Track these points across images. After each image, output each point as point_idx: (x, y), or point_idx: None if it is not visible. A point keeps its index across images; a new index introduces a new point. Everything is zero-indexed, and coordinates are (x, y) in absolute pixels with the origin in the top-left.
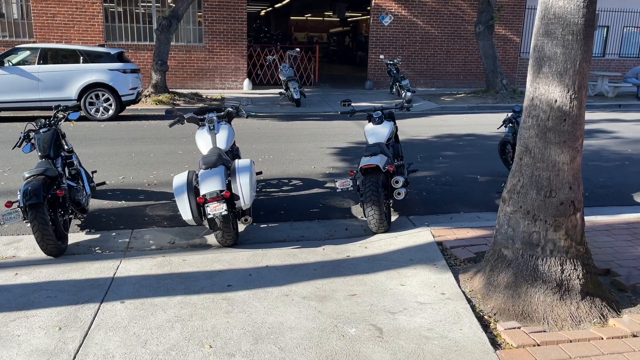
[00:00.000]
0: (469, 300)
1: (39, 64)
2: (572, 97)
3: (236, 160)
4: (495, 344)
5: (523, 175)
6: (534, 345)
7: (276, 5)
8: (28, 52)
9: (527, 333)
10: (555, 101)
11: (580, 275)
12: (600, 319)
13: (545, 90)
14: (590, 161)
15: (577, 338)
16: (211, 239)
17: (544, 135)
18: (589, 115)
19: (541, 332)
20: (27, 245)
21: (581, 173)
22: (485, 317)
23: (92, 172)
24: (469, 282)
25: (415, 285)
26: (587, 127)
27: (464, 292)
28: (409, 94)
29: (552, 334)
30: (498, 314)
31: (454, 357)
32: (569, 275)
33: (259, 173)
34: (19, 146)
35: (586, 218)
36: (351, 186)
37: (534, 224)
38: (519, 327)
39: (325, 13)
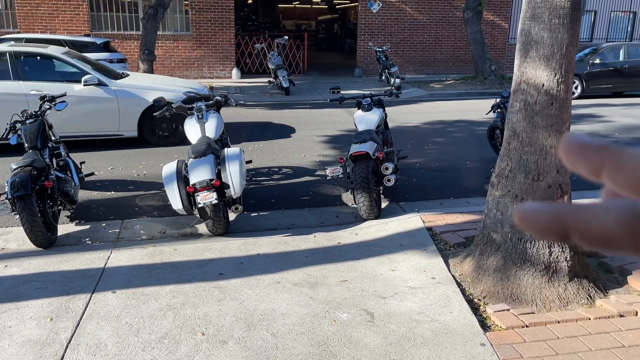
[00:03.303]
0: (458, 284)
1: None
2: (559, 80)
3: (226, 149)
4: (484, 326)
5: (511, 159)
6: (523, 327)
7: None
8: (12, 43)
9: (516, 315)
10: (543, 85)
11: (568, 257)
12: (588, 299)
13: (532, 74)
14: None
15: (565, 319)
16: (202, 228)
17: (531, 119)
18: (578, 100)
19: (530, 313)
20: (16, 237)
21: None
22: (475, 300)
23: (81, 163)
24: (458, 266)
25: (406, 270)
26: (576, 112)
27: (453, 276)
28: (398, 80)
29: (541, 315)
30: (487, 297)
31: (444, 339)
32: (557, 257)
33: (249, 162)
34: (6, 138)
35: (574, 201)
36: (341, 173)
37: None
38: (508, 309)
39: (314, 0)
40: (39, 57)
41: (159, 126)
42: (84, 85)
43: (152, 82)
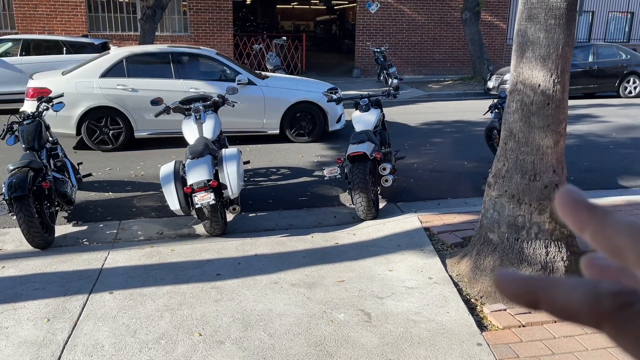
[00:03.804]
0: (455, 284)
1: (21, 55)
2: (556, 81)
3: (223, 149)
4: (481, 326)
5: (508, 159)
6: (519, 326)
7: None
8: (10, 44)
9: (513, 315)
10: (539, 85)
11: (565, 257)
12: None
13: (528, 74)
14: (576, 145)
15: None
16: (199, 228)
17: (527, 119)
18: (576, 101)
19: (526, 313)
20: (14, 238)
21: (564, 156)
22: (472, 300)
23: (78, 164)
24: (455, 267)
25: (403, 270)
26: (573, 112)
27: (451, 276)
28: (395, 81)
29: (537, 315)
30: (484, 297)
31: (441, 339)
32: (554, 257)
33: (247, 162)
34: (2, 138)
35: None
36: (339, 174)
37: (518, 208)
38: (504, 309)
39: (312, 1)
40: (196, 57)
41: (299, 124)
42: (237, 84)
43: (292, 83)
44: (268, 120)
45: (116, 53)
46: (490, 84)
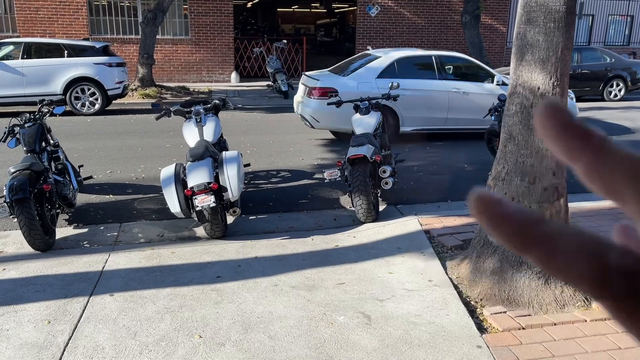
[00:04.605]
0: (455, 287)
1: (22, 58)
2: (555, 84)
3: (224, 152)
4: (481, 328)
5: (507, 162)
6: (519, 329)
7: None
8: (11, 47)
9: (513, 317)
10: (538, 88)
11: None
12: (584, 302)
13: (528, 77)
14: None
15: (561, 321)
16: (200, 231)
17: (527, 122)
18: (575, 104)
19: (526, 316)
20: (15, 240)
21: None
22: (472, 302)
23: (79, 167)
24: (455, 269)
25: (403, 272)
26: None
27: (451, 279)
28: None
29: (537, 317)
30: (484, 300)
31: (440, 342)
32: None
33: (247, 165)
34: (4, 141)
35: (571, 204)
36: (339, 177)
37: None
38: (504, 312)
39: (312, 4)
40: (454, 60)
41: None
42: (496, 84)
43: None
44: None
45: (389, 56)
46: None
